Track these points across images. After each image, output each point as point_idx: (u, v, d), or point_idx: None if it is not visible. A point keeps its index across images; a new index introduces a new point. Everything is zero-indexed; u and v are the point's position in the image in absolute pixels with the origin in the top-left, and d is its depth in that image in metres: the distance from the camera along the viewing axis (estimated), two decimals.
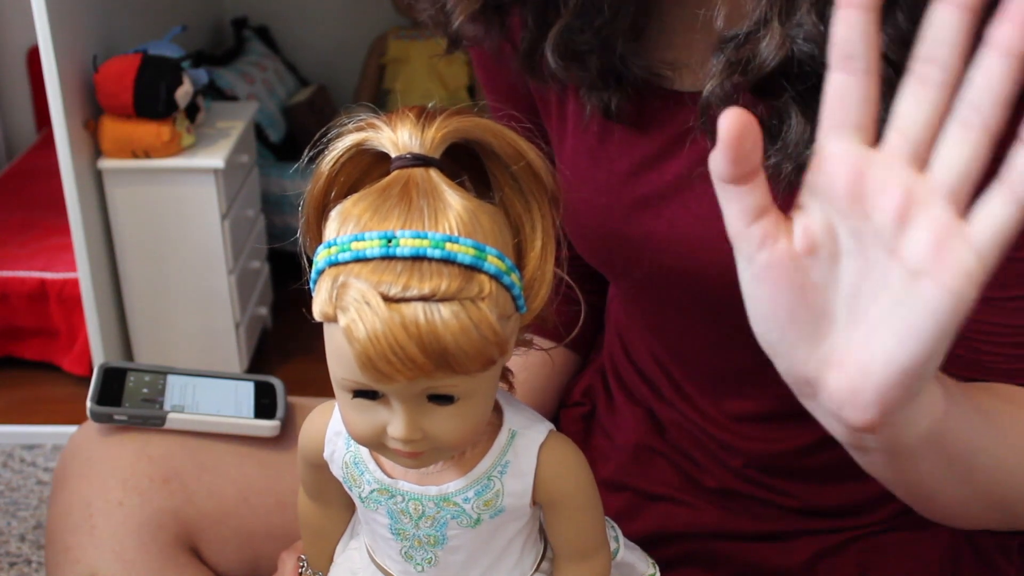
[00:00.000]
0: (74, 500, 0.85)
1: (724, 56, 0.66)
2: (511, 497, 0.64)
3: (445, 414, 0.57)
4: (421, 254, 0.53)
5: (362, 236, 0.54)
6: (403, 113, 0.57)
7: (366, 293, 0.52)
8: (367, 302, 0.52)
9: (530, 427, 0.65)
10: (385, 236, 0.53)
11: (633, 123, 0.76)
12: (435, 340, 0.52)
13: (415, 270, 0.53)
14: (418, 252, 0.53)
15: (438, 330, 0.52)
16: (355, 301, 0.53)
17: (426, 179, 0.55)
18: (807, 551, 0.84)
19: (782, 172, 0.66)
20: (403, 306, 0.52)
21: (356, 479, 0.66)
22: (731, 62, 0.66)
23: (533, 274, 0.60)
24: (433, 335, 0.52)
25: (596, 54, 0.72)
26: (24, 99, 2.86)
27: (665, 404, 0.88)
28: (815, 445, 0.82)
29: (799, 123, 0.65)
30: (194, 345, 2.09)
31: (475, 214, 0.55)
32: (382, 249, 0.53)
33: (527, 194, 0.60)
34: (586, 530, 0.67)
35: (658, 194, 0.76)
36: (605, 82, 0.74)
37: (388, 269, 0.53)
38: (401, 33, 2.91)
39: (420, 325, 0.52)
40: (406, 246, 0.53)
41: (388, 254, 0.53)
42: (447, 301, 0.53)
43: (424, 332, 0.52)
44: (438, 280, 0.53)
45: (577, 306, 0.84)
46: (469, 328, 0.53)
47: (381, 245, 0.53)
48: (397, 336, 0.52)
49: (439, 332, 0.52)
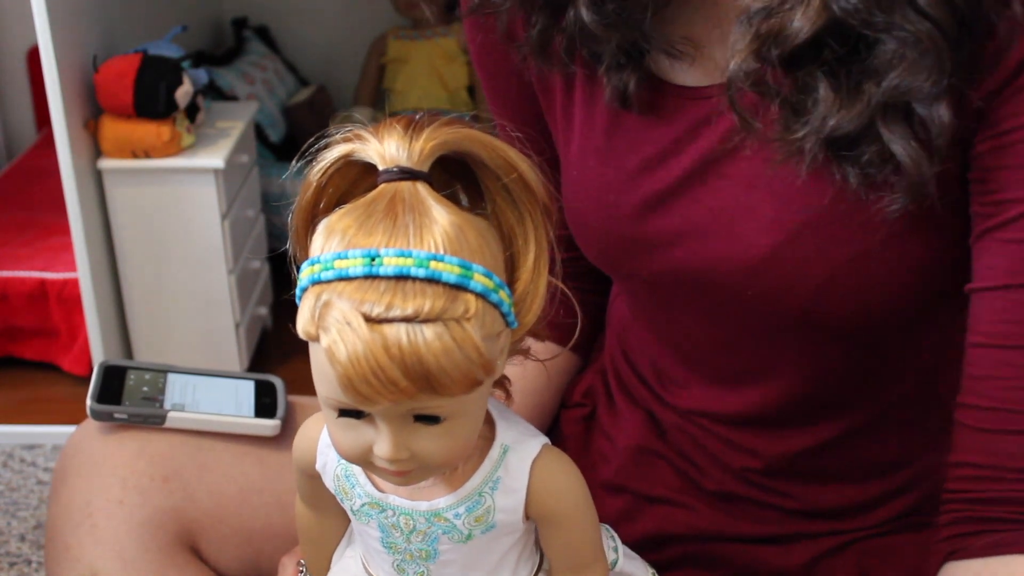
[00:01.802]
0: (74, 499, 0.85)
1: (751, 28, 0.65)
2: (502, 513, 0.63)
3: (432, 434, 0.56)
4: (405, 273, 0.52)
5: (345, 254, 0.53)
6: (390, 124, 0.57)
7: (348, 314, 0.52)
8: (348, 323, 0.52)
9: (523, 442, 0.64)
10: (368, 255, 0.53)
11: (645, 113, 0.75)
12: (418, 363, 0.51)
13: (398, 290, 0.52)
14: (402, 271, 0.52)
15: (421, 352, 0.51)
16: (337, 322, 0.52)
17: (413, 193, 0.54)
18: (807, 553, 0.84)
19: (807, 148, 0.65)
20: (385, 327, 0.51)
21: (348, 492, 0.66)
22: (759, 33, 0.64)
23: (526, 288, 0.59)
24: (416, 357, 0.51)
25: (619, 28, 0.71)
26: (24, 99, 2.86)
27: (665, 407, 0.88)
28: (815, 448, 0.81)
29: (827, 95, 0.64)
30: (194, 345, 2.09)
31: (462, 230, 0.54)
32: (365, 268, 0.53)
33: (520, 205, 0.59)
34: (581, 544, 0.66)
35: (668, 191, 0.75)
36: (627, 58, 0.73)
37: (371, 288, 0.52)
38: (401, 33, 2.91)
39: (403, 347, 0.51)
40: (389, 265, 0.52)
41: (371, 273, 0.52)
42: (431, 322, 0.52)
43: (407, 354, 0.51)
44: (421, 300, 0.52)
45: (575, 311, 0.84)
46: (453, 350, 0.52)
47: (364, 264, 0.53)
48: (379, 359, 0.51)
49: (422, 354, 0.51)
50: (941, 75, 0.61)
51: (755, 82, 0.66)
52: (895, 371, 0.78)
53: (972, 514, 0.68)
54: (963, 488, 0.68)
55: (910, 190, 0.64)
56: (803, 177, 0.67)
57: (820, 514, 0.84)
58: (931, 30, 0.60)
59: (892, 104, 0.62)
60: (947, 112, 0.61)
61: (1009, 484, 0.66)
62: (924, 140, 0.63)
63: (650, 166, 0.76)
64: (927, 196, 0.64)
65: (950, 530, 0.69)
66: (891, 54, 0.61)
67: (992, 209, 0.65)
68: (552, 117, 0.84)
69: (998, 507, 0.66)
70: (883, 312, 0.72)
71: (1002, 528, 0.66)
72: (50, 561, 0.86)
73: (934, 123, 0.62)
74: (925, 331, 0.72)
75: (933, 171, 0.63)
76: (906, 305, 0.72)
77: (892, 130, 0.63)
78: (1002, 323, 0.65)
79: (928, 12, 0.60)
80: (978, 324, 0.67)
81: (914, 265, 0.69)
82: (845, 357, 0.77)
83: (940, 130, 0.62)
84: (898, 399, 0.79)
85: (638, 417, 0.90)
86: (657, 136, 0.75)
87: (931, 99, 0.61)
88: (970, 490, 0.68)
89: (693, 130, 0.73)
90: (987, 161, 0.64)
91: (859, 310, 0.71)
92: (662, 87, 0.75)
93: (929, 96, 0.61)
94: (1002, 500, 0.66)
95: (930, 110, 0.62)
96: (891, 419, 0.80)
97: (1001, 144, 0.63)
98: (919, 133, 0.63)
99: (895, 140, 0.63)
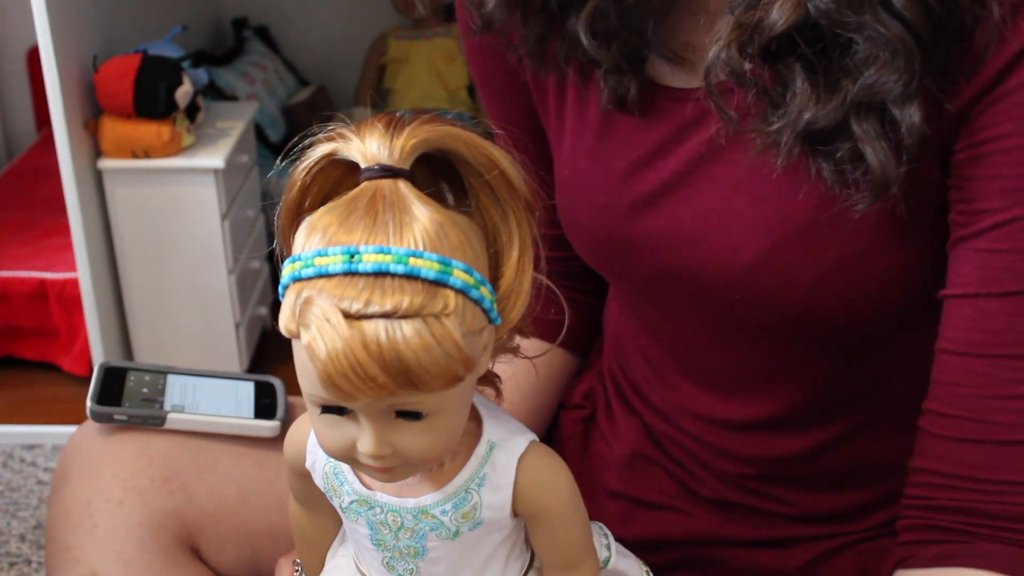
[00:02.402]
0: (74, 500, 0.85)
1: (733, 17, 0.65)
2: (489, 510, 0.63)
3: (414, 430, 0.57)
4: (384, 270, 0.52)
5: (325, 251, 0.53)
6: (372, 123, 0.57)
7: (327, 310, 0.52)
8: (328, 319, 0.52)
9: (510, 439, 0.64)
10: (348, 251, 0.53)
11: (638, 115, 0.76)
12: (397, 358, 0.52)
13: (377, 286, 0.52)
14: (381, 268, 0.52)
15: (400, 348, 0.52)
16: (317, 318, 0.52)
17: (394, 191, 0.55)
18: (805, 556, 0.84)
19: (783, 141, 0.66)
20: (364, 323, 0.52)
21: (336, 489, 0.66)
22: (740, 23, 0.65)
23: (510, 285, 0.59)
24: (395, 353, 0.52)
25: (621, 36, 0.71)
26: (24, 99, 2.86)
27: (659, 416, 0.88)
28: (811, 452, 0.81)
29: (804, 89, 0.64)
30: (194, 345, 2.09)
31: (443, 227, 0.54)
32: (344, 265, 0.53)
33: (503, 202, 0.59)
34: (570, 541, 0.66)
35: (657, 192, 0.75)
36: (629, 64, 0.73)
37: (351, 285, 0.52)
38: (401, 33, 2.91)
39: (381, 343, 0.51)
40: (368, 262, 0.52)
41: (351, 270, 0.53)
42: (410, 318, 0.52)
43: (385, 350, 0.51)
44: (400, 296, 0.52)
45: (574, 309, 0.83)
46: (432, 345, 0.52)
47: (344, 261, 0.53)
48: (357, 355, 0.51)
49: (401, 350, 0.52)
50: (911, 77, 0.61)
51: (733, 71, 0.66)
52: (887, 376, 0.78)
53: (925, 521, 0.68)
54: (919, 494, 0.69)
55: (875, 190, 0.64)
56: (778, 173, 0.67)
57: (817, 518, 0.84)
58: (902, 32, 0.60)
59: (866, 102, 0.63)
60: (917, 113, 0.62)
61: (961, 493, 0.67)
62: (895, 140, 0.63)
63: (639, 168, 0.76)
64: (891, 197, 0.64)
65: (904, 536, 0.70)
66: (867, 53, 0.62)
67: (967, 218, 0.65)
68: (546, 117, 0.84)
69: (949, 515, 0.67)
70: (873, 316, 0.72)
71: (951, 539, 0.67)
72: (50, 562, 0.86)
73: (904, 124, 0.62)
74: (916, 335, 0.72)
75: (900, 172, 0.63)
76: (896, 309, 0.72)
77: (864, 128, 0.63)
78: (969, 331, 0.66)
79: (901, 14, 0.60)
80: (947, 330, 0.68)
81: (903, 269, 0.70)
82: (837, 361, 0.77)
83: (910, 131, 0.62)
84: (891, 404, 0.79)
85: (634, 424, 0.90)
86: (647, 137, 0.75)
87: (902, 100, 0.62)
88: (925, 496, 0.68)
89: (681, 132, 0.73)
90: (964, 170, 0.65)
91: (849, 314, 0.72)
92: (654, 89, 0.75)
93: (900, 97, 0.62)
94: (953, 509, 0.67)
95: (901, 111, 0.62)
96: (884, 424, 0.80)
97: (977, 154, 0.64)
98: (890, 133, 0.63)
99: (865, 138, 0.63)
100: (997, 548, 0.66)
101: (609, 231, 0.79)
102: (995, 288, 0.65)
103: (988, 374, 0.65)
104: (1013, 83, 0.61)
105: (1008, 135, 0.62)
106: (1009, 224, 0.63)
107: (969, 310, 0.66)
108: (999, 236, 0.64)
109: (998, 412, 0.65)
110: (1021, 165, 0.62)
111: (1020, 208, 0.63)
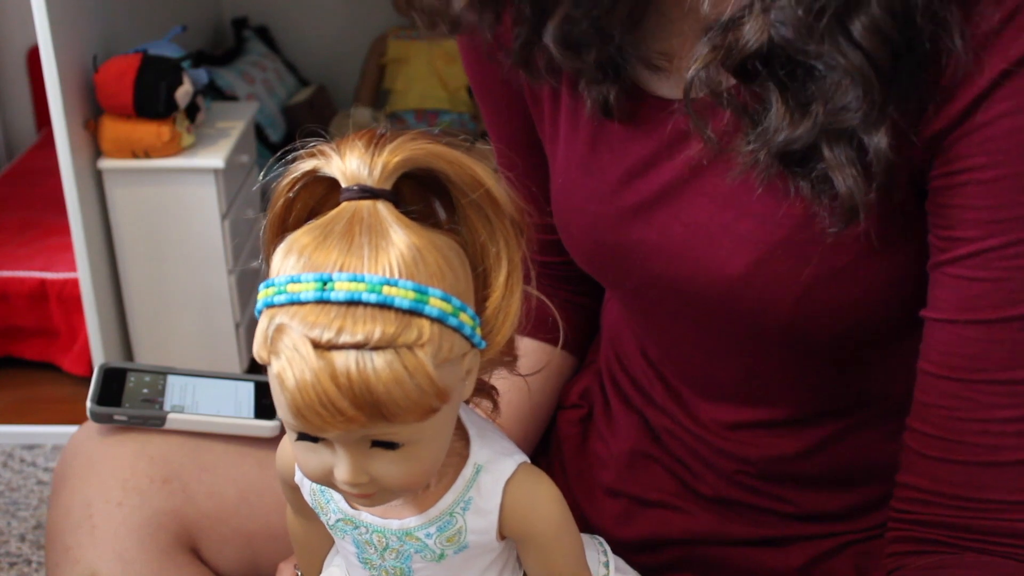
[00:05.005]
0: (74, 500, 0.85)
1: (710, 38, 0.66)
2: (474, 534, 0.62)
3: (391, 458, 0.55)
4: (356, 299, 0.51)
5: (298, 278, 0.52)
6: (352, 140, 0.56)
7: (297, 340, 0.51)
8: (297, 349, 0.51)
9: (497, 461, 0.63)
10: (321, 279, 0.52)
11: (627, 123, 0.76)
12: (366, 391, 0.50)
13: (349, 315, 0.51)
14: (353, 296, 0.51)
15: (370, 381, 0.50)
16: (287, 348, 0.51)
17: (372, 213, 0.54)
18: (803, 556, 0.84)
19: (759, 160, 0.66)
20: (335, 354, 0.51)
21: (323, 507, 0.65)
22: (715, 46, 0.65)
23: (497, 306, 0.58)
24: (364, 386, 0.50)
25: (595, 45, 0.72)
26: (24, 99, 2.85)
27: (658, 411, 0.88)
28: (809, 451, 0.82)
29: (779, 110, 0.65)
30: (194, 345, 2.09)
31: (420, 252, 0.53)
32: (317, 293, 0.52)
33: (490, 221, 0.58)
34: (561, 564, 0.65)
35: (648, 202, 0.76)
36: (604, 74, 0.73)
37: (323, 313, 0.51)
38: (401, 33, 2.91)
39: (351, 376, 0.50)
40: (341, 290, 0.51)
41: (323, 298, 0.52)
42: (381, 349, 0.51)
43: (355, 383, 0.50)
44: (372, 326, 0.51)
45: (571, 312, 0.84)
46: (403, 378, 0.51)
47: (316, 288, 0.52)
48: (326, 387, 0.50)
49: (371, 383, 0.50)
50: (872, 105, 0.61)
51: (712, 90, 0.67)
52: (883, 381, 0.79)
53: (913, 534, 0.69)
54: (906, 508, 0.70)
55: (843, 215, 0.65)
56: (762, 189, 0.68)
57: (816, 517, 0.84)
58: (862, 61, 0.60)
59: (835, 128, 0.63)
60: (884, 140, 0.62)
61: (946, 510, 0.68)
62: (864, 167, 0.63)
63: (631, 178, 0.76)
64: (858, 222, 0.65)
65: (892, 548, 0.71)
66: (832, 79, 0.62)
67: (945, 243, 0.66)
68: (541, 127, 0.84)
69: (936, 530, 0.68)
70: (862, 326, 0.73)
71: (940, 550, 0.68)
72: (50, 563, 0.86)
73: (872, 150, 0.62)
74: (911, 342, 0.73)
75: (868, 199, 0.64)
76: (885, 319, 0.73)
77: (836, 153, 0.63)
78: (948, 355, 0.67)
79: (860, 43, 0.60)
80: (927, 351, 0.69)
81: (889, 281, 0.70)
82: (830, 368, 0.78)
83: (877, 157, 0.62)
84: (888, 406, 0.79)
85: (632, 421, 0.90)
86: (638, 147, 0.76)
87: (865, 127, 0.62)
88: (911, 511, 0.70)
89: (672, 144, 0.74)
90: (940, 198, 0.65)
91: (837, 325, 0.72)
92: (644, 97, 0.75)
93: (863, 124, 0.62)
94: (939, 524, 0.68)
95: (869, 137, 0.62)
96: (883, 424, 0.80)
97: (952, 183, 0.64)
98: (860, 159, 0.63)
99: (835, 164, 0.63)
100: (987, 559, 0.67)
101: (602, 239, 0.79)
102: (971, 315, 0.65)
103: (968, 398, 0.66)
104: (984, 117, 0.61)
105: (982, 167, 0.62)
106: (985, 253, 0.64)
107: (947, 335, 0.67)
108: (975, 264, 0.64)
109: (979, 435, 0.66)
110: (995, 197, 0.62)
111: (995, 239, 0.63)
